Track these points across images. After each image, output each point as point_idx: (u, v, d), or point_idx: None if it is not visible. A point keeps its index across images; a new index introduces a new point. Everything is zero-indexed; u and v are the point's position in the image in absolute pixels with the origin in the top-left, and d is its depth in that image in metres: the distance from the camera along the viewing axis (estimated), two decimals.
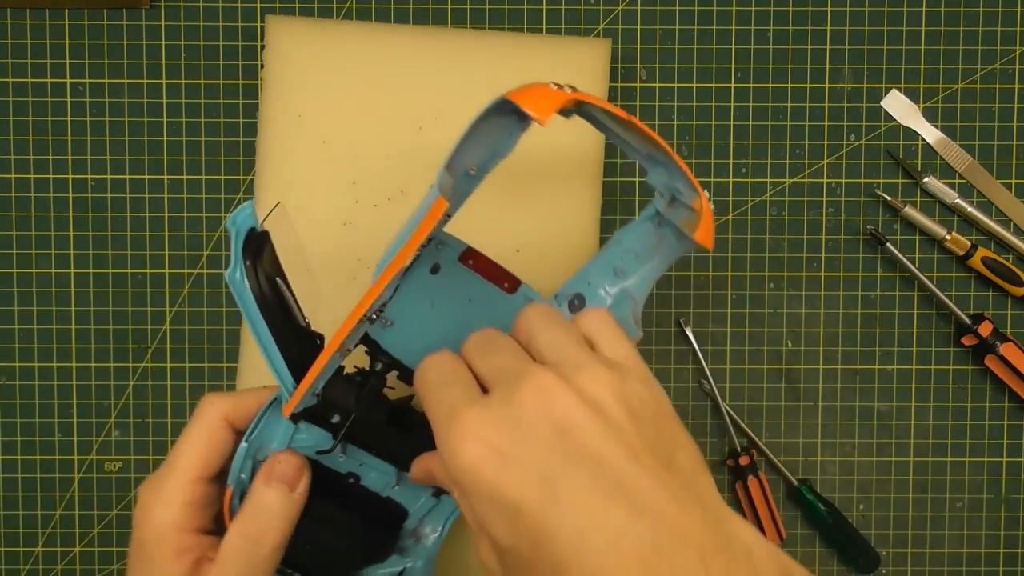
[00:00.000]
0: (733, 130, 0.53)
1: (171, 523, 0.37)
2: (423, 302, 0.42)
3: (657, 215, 0.42)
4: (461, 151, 0.37)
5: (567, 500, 0.29)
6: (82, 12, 0.52)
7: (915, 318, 0.54)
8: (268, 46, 0.50)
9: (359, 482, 0.42)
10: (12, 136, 0.52)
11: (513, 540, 0.30)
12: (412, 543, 0.43)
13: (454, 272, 0.42)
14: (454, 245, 0.42)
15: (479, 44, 0.50)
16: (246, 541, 0.37)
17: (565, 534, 0.28)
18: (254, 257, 0.37)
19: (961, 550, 0.54)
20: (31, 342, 0.52)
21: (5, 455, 0.53)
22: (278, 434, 0.40)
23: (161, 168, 0.52)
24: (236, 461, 0.38)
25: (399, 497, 0.43)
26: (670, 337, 0.53)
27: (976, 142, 0.53)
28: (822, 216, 0.53)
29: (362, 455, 0.41)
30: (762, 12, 0.53)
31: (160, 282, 0.52)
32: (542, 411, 0.30)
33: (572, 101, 0.35)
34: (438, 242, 0.41)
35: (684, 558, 0.28)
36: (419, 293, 0.42)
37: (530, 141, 0.37)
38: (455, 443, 0.30)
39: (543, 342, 0.34)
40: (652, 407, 0.32)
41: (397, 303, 0.41)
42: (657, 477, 0.29)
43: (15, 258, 0.52)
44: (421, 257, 0.41)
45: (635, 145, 0.39)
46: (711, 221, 0.38)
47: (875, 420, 0.54)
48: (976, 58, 0.53)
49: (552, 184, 0.50)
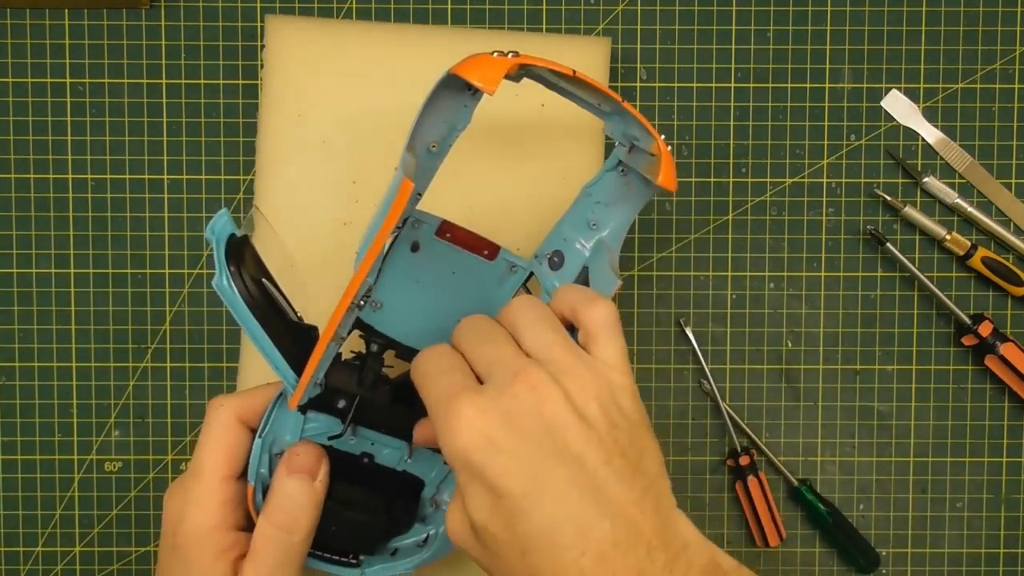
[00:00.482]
0: (733, 130, 0.53)
1: (210, 525, 0.38)
2: (408, 281, 0.43)
3: (620, 164, 0.43)
4: (419, 130, 0.38)
5: (547, 493, 0.32)
6: (82, 12, 0.52)
7: (915, 318, 0.54)
8: (268, 46, 0.50)
9: (374, 460, 0.43)
10: (12, 136, 0.52)
11: (489, 519, 0.33)
12: (432, 511, 0.44)
13: (434, 247, 0.43)
14: (430, 221, 0.43)
15: (479, 44, 0.50)
16: (277, 531, 0.38)
17: (539, 523, 0.32)
18: (238, 262, 0.38)
19: (961, 550, 0.54)
20: (31, 342, 0.52)
21: (5, 455, 0.53)
22: (290, 426, 0.41)
23: (161, 168, 0.52)
24: (253, 458, 0.40)
25: (414, 469, 0.44)
26: (670, 337, 0.53)
27: (976, 142, 0.53)
28: (822, 216, 0.53)
29: (372, 434, 0.42)
30: (762, 12, 0.53)
31: (160, 282, 0.52)
32: (533, 408, 0.33)
33: (516, 66, 0.36)
34: (413, 220, 0.42)
35: (635, 552, 0.32)
36: (403, 273, 0.43)
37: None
38: (452, 425, 0.33)
39: (535, 342, 0.36)
40: (629, 416, 0.35)
41: (383, 285, 0.43)
42: (625, 480, 0.33)
43: (15, 258, 0.52)
44: (399, 238, 0.42)
45: (586, 99, 0.41)
46: (671, 164, 0.39)
47: (875, 420, 0.54)
48: (976, 58, 0.53)
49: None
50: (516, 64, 0.36)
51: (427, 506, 0.45)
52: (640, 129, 0.41)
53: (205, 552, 0.38)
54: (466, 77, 0.35)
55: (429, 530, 0.44)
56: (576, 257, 0.44)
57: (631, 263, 0.53)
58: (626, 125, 0.41)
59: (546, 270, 0.44)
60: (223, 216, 0.38)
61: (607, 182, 0.43)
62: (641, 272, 0.53)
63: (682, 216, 0.53)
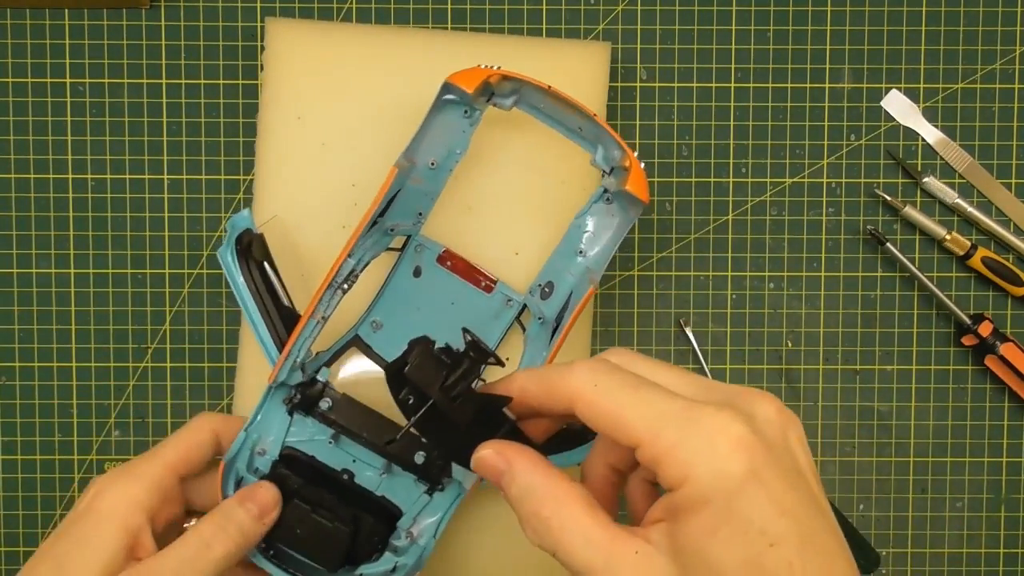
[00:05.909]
0: (733, 130, 0.53)
1: (132, 495, 0.37)
2: (408, 305, 0.45)
3: (605, 192, 0.45)
4: (417, 143, 0.42)
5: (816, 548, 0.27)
6: (82, 12, 0.52)
7: (915, 318, 0.54)
8: (268, 48, 0.50)
9: (354, 479, 0.43)
10: (12, 136, 0.52)
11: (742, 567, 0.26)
12: (406, 542, 0.43)
13: (435, 275, 0.46)
14: (432, 247, 0.46)
15: (479, 47, 0.50)
16: (199, 540, 0.37)
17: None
18: (245, 243, 0.41)
19: (961, 550, 0.54)
20: (31, 342, 0.52)
21: (5, 455, 0.53)
22: (275, 426, 0.42)
23: (161, 168, 0.52)
24: (235, 443, 0.41)
25: (393, 496, 0.43)
26: (670, 337, 0.53)
27: (976, 142, 0.53)
28: (822, 216, 0.53)
29: (353, 449, 0.43)
30: (762, 12, 0.53)
31: (160, 282, 0.52)
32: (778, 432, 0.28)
33: (497, 76, 0.42)
34: (417, 244, 0.45)
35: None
36: (404, 296, 0.45)
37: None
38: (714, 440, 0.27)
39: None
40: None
41: (384, 307, 0.45)
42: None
43: (15, 258, 0.52)
44: (403, 260, 0.46)
45: (567, 123, 0.44)
46: (640, 173, 0.42)
47: (875, 420, 0.54)
48: (976, 58, 0.53)
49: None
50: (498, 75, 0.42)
51: (401, 537, 0.43)
52: (612, 143, 0.43)
53: (113, 521, 0.36)
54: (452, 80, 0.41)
55: (398, 561, 0.43)
56: (564, 285, 0.46)
57: (631, 263, 0.53)
58: (605, 146, 0.43)
59: (538, 300, 0.47)
60: (246, 213, 0.42)
61: (596, 213, 0.46)
62: (641, 272, 0.53)
63: (682, 216, 0.53)
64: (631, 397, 0.29)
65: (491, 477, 0.31)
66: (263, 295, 0.41)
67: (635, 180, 0.42)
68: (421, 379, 0.33)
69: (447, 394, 0.33)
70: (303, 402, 0.42)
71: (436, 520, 0.43)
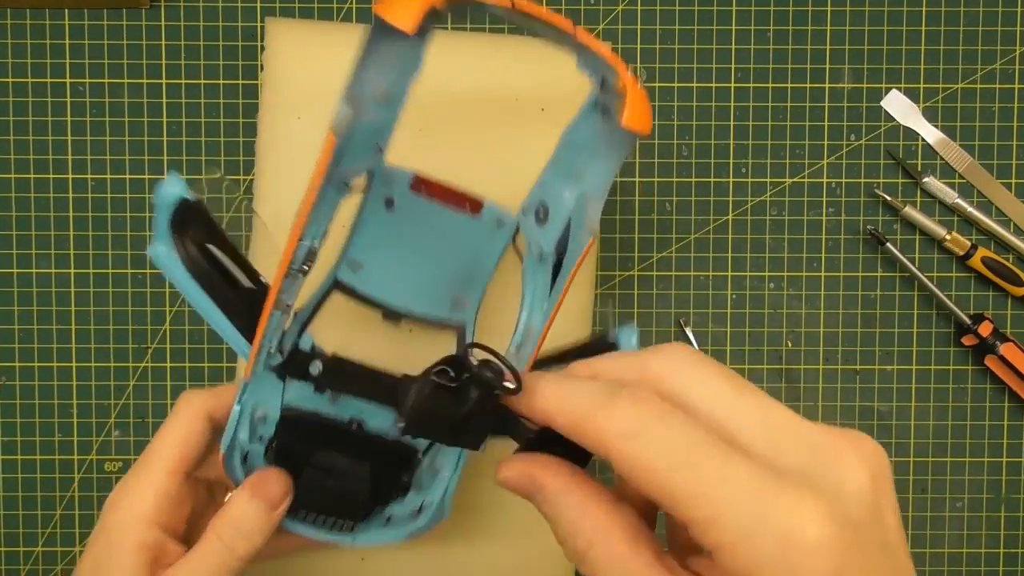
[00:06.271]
0: (733, 130, 0.53)
1: (140, 513, 0.36)
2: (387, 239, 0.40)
3: (597, 103, 0.37)
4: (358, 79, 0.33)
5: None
6: (82, 12, 0.52)
7: (915, 318, 0.54)
8: (268, 48, 0.50)
9: (363, 427, 0.41)
10: (12, 136, 0.52)
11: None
12: (430, 477, 0.42)
13: (410, 203, 0.40)
14: (400, 175, 0.40)
15: (479, 46, 0.50)
16: (221, 545, 0.36)
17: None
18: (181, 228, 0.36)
19: (961, 550, 0.54)
20: (31, 342, 0.52)
21: (5, 455, 0.53)
22: (267, 391, 0.39)
23: (161, 168, 0.52)
24: (230, 423, 0.38)
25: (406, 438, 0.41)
26: (670, 337, 0.53)
27: (976, 142, 0.53)
28: (822, 216, 0.53)
29: (357, 402, 0.41)
30: (762, 12, 0.53)
31: (160, 282, 0.52)
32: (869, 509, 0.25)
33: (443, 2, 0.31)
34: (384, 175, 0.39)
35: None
36: (381, 231, 0.40)
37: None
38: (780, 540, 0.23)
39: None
40: None
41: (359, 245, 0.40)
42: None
43: (15, 258, 0.52)
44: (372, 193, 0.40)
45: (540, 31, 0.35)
46: (640, 100, 0.34)
47: (875, 420, 0.54)
48: (976, 58, 0.53)
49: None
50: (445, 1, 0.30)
51: (425, 473, 0.42)
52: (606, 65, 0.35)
53: (127, 540, 0.35)
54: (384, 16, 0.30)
55: (424, 498, 0.41)
56: (561, 211, 0.39)
57: (631, 263, 0.53)
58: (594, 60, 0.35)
59: (533, 225, 0.41)
60: (172, 179, 0.35)
61: (587, 124, 0.38)
62: (641, 272, 0.53)
63: (682, 216, 0.53)
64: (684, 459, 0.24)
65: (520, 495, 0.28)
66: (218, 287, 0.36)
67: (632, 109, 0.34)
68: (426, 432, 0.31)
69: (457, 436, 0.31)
70: (292, 371, 0.40)
71: (454, 460, 0.42)
